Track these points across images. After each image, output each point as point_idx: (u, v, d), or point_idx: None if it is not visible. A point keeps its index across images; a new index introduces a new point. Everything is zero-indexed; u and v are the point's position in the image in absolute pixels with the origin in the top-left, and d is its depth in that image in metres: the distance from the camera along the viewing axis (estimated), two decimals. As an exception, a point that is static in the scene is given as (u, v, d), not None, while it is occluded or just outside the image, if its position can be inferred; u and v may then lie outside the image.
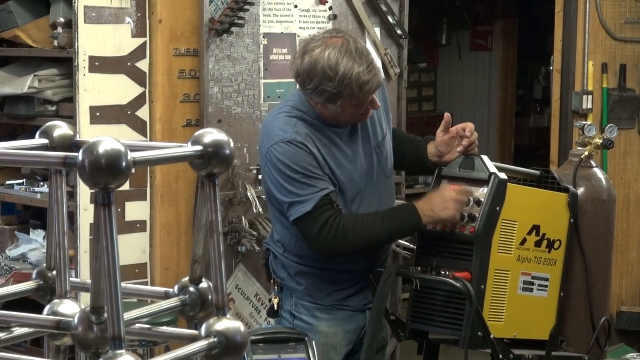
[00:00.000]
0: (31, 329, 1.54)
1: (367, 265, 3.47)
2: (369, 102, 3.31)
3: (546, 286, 3.51)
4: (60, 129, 1.60)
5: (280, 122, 3.35)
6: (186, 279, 1.62)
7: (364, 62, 3.24)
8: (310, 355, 3.13)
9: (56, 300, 1.54)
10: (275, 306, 3.50)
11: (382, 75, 3.36)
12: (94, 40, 4.61)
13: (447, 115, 3.48)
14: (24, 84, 4.82)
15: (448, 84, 9.29)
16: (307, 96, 3.34)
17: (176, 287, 1.62)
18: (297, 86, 3.41)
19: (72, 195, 4.53)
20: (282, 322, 3.50)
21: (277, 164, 3.29)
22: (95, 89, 4.62)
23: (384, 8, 5.33)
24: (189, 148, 1.51)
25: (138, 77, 4.73)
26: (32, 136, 1.62)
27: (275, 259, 3.50)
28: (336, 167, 3.35)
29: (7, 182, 5.08)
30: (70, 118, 4.59)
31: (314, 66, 3.23)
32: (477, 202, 3.35)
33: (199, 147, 1.51)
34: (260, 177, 4.72)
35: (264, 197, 4.62)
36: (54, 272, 1.60)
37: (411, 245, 4.74)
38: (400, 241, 4.83)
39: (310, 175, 3.28)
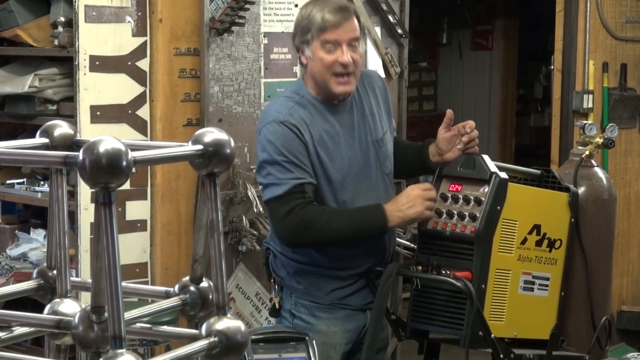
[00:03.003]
0: (32, 329, 1.54)
1: (367, 264, 3.47)
2: (338, 49, 3.31)
3: (547, 286, 3.51)
4: (61, 128, 1.60)
5: (277, 105, 3.41)
6: (187, 278, 1.62)
7: (330, 4, 3.36)
8: (311, 354, 3.12)
9: (57, 300, 1.54)
10: (277, 305, 3.50)
11: (352, 17, 3.38)
12: (95, 39, 4.61)
13: (449, 111, 3.48)
14: (25, 83, 4.82)
15: (449, 83, 9.28)
16: (299, 54, 3.41)
17: (177, 287, 1.62)
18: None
19: (72, 194, 4.52)
20: (282, 322, 3.49)
21: (265, 145, 3.33)
22: (96, 89, 4.62)
23: (384, 7, 5.33)
24: (189, 147, 1.51)
25: (139, 76, 4.73)
26: (33, 135, 1.62)
27: (275, 258, 3.50)
28: (325, 155, 3.35)
29: (8, 182, 5.08)
30: (71, 117, 4.58)
31: (296, 19, 3.44)
32: (478, 202, 3.35)
33: (200, 147, 1.51)
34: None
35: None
36: (55, 272, 1.60)
37: (412, 245, 4.74)
38: (400, 240, 4.82)
39: (292, 161, 3.30)
